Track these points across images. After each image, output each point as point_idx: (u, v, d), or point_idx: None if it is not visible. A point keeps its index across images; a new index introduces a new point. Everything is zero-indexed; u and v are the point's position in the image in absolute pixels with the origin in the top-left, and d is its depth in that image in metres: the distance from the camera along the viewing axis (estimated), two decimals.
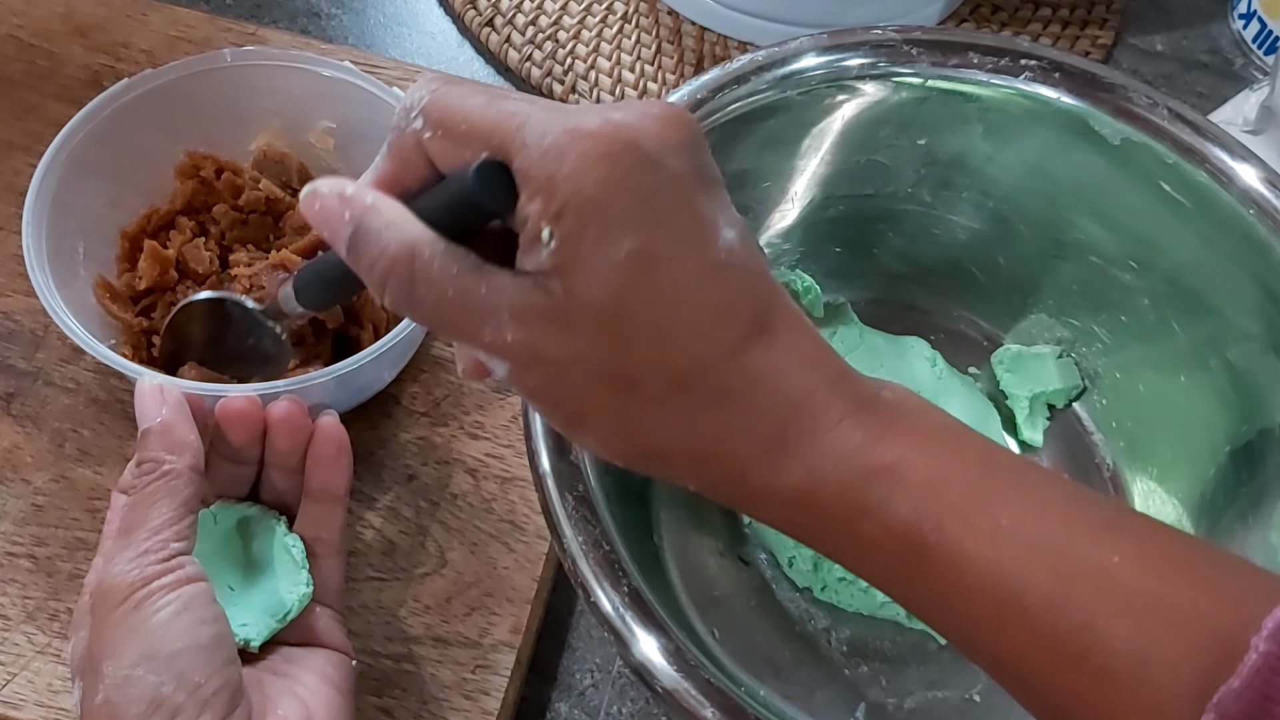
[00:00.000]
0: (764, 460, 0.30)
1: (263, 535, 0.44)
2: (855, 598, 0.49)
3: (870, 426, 0.30)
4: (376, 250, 0.30)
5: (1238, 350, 0.47)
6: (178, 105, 0.54)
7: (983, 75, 0.47)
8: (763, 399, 0.30)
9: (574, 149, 0.28)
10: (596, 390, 0.30)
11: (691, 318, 0.29)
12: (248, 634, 0.41)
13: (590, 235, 0.28)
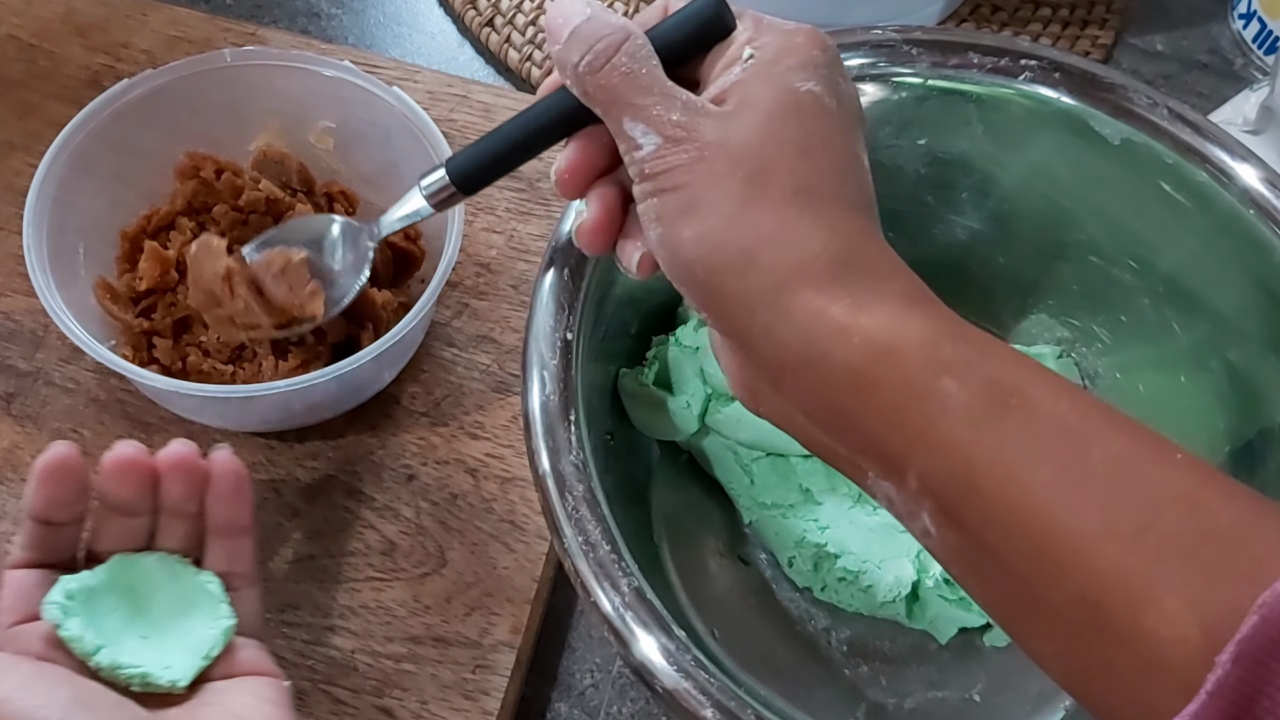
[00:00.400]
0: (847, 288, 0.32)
1: (171, 580, 0.42)
2: (855, 598, 0.49)
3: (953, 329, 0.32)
4: (602, 25, 0.34)
5: (1238, 350, 0.47)
6: (178, 105, 0.54)
7: (983, 75, 0.47)
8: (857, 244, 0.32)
9: (792, 26, 0.35)
10: (727, 177, 0.32)
11: (837, 162, 0.33)
12: (173, 676, 0.39)
13: (784, 64, 0.34)
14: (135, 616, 0.41)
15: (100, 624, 0.39)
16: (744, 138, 0.32)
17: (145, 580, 0.41)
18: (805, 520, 0.50)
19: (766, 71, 0.34)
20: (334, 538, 0.52)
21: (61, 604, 0.38)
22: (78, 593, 0.39)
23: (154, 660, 0.39)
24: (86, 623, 0.38)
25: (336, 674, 0.49)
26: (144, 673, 0.39)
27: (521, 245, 0.59)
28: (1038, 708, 0.48)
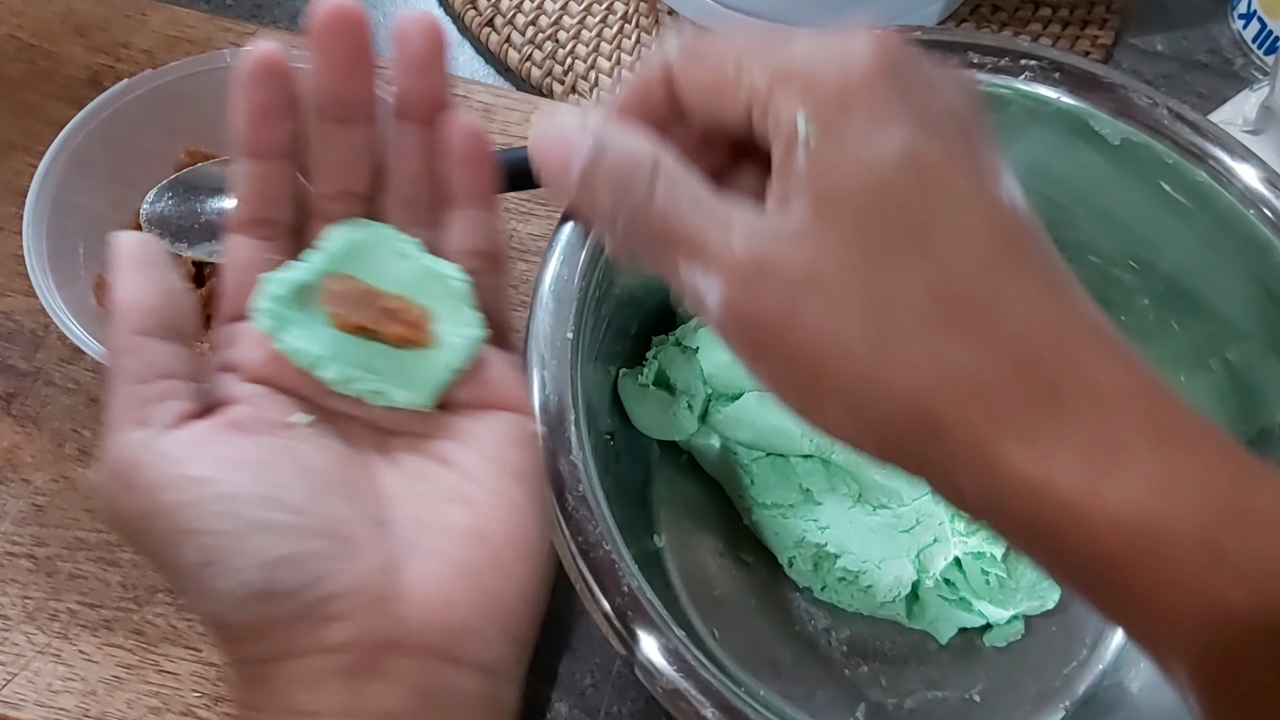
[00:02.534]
0: (1070, 445, 0.24)
1: (401, 266, 0.32)
2: (855, 598, 0.49)
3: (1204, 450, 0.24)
4: (621, 154, 0.28)
5: (1238, 350, 0.47)
6: (178, 105, 0.54)
7: (983, 75, 0.47)
8: (1067, 361, 0.25)
9: (838, 37, 0.26)
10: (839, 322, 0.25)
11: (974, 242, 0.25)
12: (412, 394, 0.31)
13: (853, 127, 0.25)
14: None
15: (320, 328, 0.31)
16: (840, 261, 0.25)
17: (369, 267, 0.32)
18: (805, 520, 0.50)
19: (835, 149, 0.25)
20: None
21: (271, 310, 0.31)
22: (288, 293, 0.31)
23: (390, 371, 0.31)
24: (306, 330, 0.31)
25: None
26: (377, 389, 0.31)
27: (521, 245, 0.59)
28: (1038, 708, 0.48)
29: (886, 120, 0.25)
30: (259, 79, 0.30)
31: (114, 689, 0.48)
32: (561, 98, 0.67)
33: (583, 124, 0.29)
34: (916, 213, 0.25)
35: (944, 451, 0.25)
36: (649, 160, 0.28)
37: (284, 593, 0.27)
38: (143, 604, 0.50)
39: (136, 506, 0.28)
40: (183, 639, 0.49)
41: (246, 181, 0.32)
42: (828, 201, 0.25)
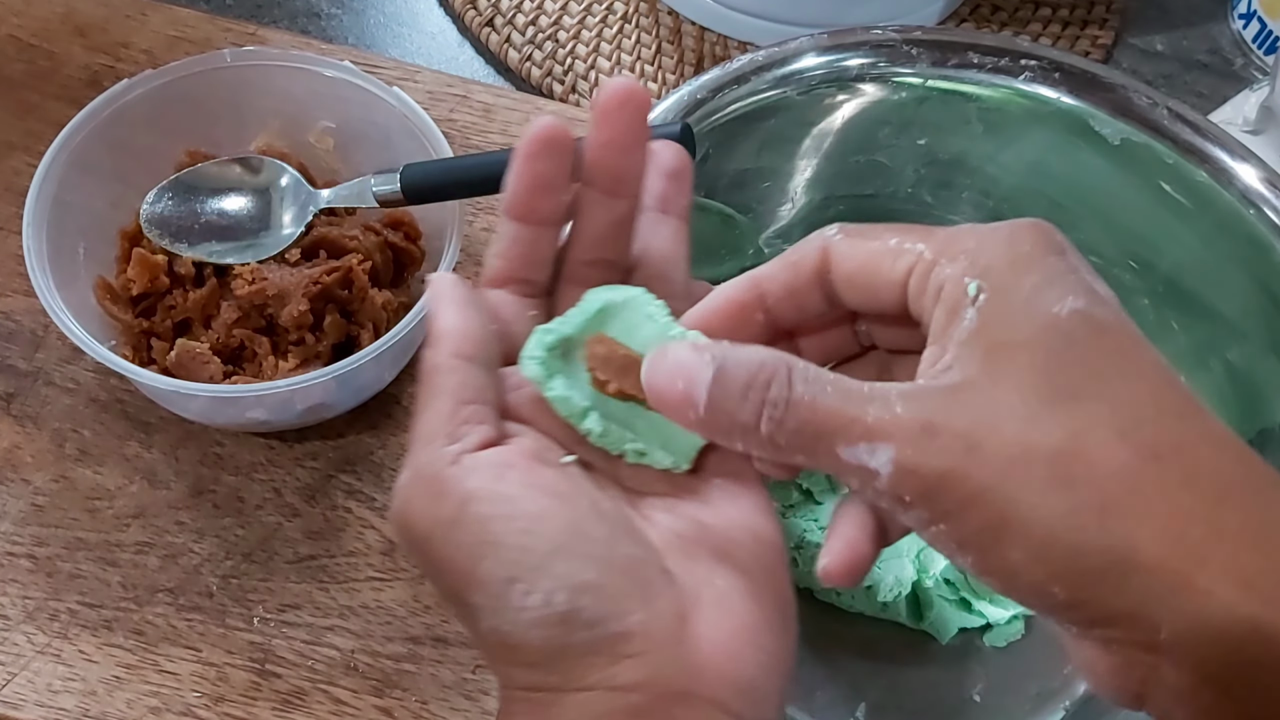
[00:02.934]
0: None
1: (653, 330, 0.32)
2: (856, 598, 0.49)
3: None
4: (752, 367, 0.28)
5: (1238, 350, 0.47)
6: (178, 105, 0.54)
7: (983, 75, 0.47)
8: (1239, 492, 0.25)
9: (1008, 224, 0.28)
10: (1025, 466, 0.24)
11: (1160, 392, 0.25)
12: (671, 454, 0.32)
13: (1027, 286, 0.26)
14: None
15: (582, 381, 0.32)
16: (1019, 405, 0.25)
17: (622, 327, 0.33)
18: (805, 520, 0.50)
19: (1007, 305, 0.26)
20: (334, 538, 0.52)
21: (542, 359, 0.31)
22: (557, 343, 0.32)
23: (646, 431, 0.32)
24: (570, 381, 0.32)
25: (336, 674, 0.49)
26: (638, 447, 0.32)
27: None
28: (1037, 708, 0.48)
29: (1061, 288, 0.26)
30: (541, 151, 0.31)
31: (114, 689, 0.48)
32: (561, 97, 0.67)
33: (697, 348, 0.29)
34: (1095, 362, 0.25)
35: (1141, 591, 0.24)
36: (781, 361, 0.28)
37: (584, 621, 0.27)
38: (143, 604, 0.50)
39: (444, 514, 0.28)
40: (183, 639, 0.49)
41: (512, 243, 0.33)
42: (1000, 351, 0.26)
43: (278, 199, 0.54)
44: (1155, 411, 0.25)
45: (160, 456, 0.53)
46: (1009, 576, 0.25)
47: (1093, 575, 0.25)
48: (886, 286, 0.29)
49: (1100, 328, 0.26)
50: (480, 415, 0.30)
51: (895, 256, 0.28)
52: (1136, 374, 0.26)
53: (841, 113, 0.49)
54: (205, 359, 0.50)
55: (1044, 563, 0.25)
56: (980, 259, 0.27)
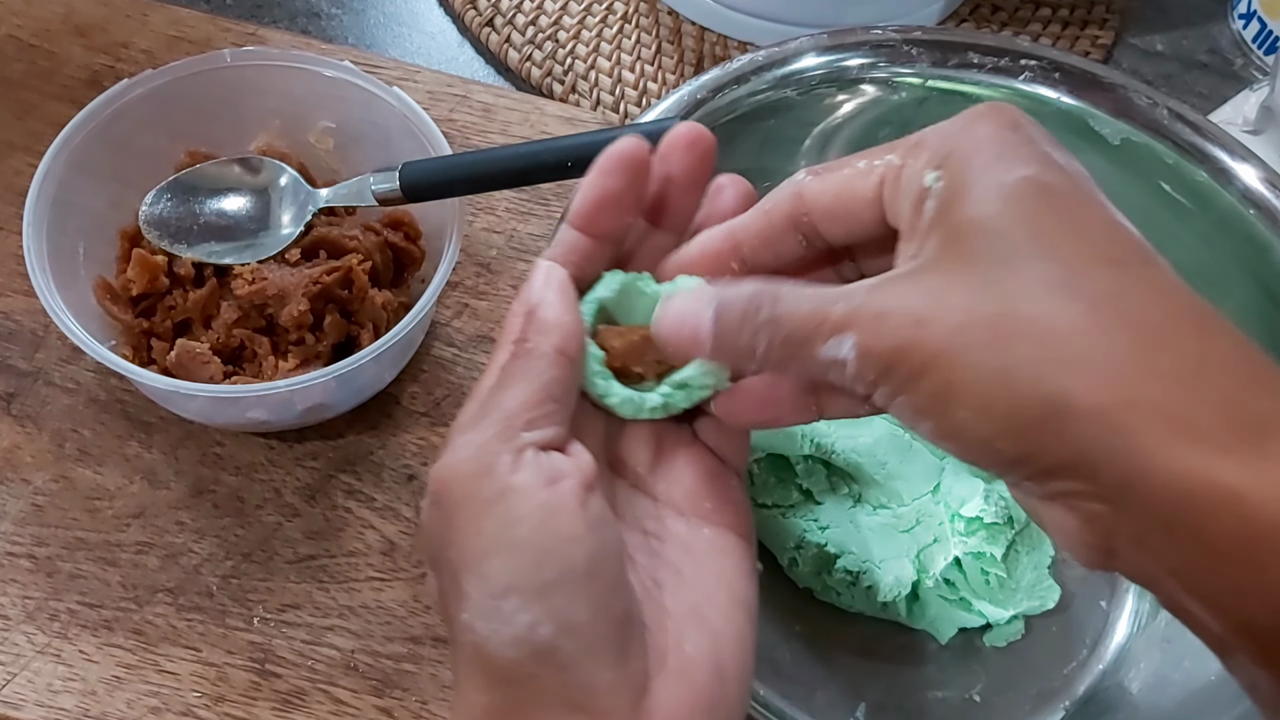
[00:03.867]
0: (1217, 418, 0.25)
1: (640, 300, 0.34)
2: (855, 598, 0.49)
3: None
4: (744, 299, 0.29)
5: None
6: (178, 105, 0.54)
7: (983, 75, 0.47)
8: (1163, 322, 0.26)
9: (970, 111, 0.29)
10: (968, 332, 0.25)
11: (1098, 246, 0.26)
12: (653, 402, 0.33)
13: (978, 164, 0.27)
14: None
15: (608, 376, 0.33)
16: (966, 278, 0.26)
17: (626, 314, 0.35)
18: (805, 520, 0.50)
19: (961, 187, 0.27)
20: (334, 538, 0.52)
21: (600, 372, 0.33)
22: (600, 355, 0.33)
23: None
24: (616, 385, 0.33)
25: (336, 674, 0.49)
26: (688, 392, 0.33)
27: (521, 245, 0.59)
28: (1038, 708, 0.48)
29: (1012, 159, 0.27)
30: (618, 168, 0.32)
31: (114, 689, 0.48)
32: (561, 97, 0.67)
33: (696, 295, 0.30)
34: (1039, 224, 0.26)
35: (1078, 437, 0.25)
36: (768, 289, 0.29)
37: (557, 663, 0.27)
38: (143, 604, 0.50)
39: (484, 493, 0.28)
40: (183, 639, 0.49)
41: (568, 250, 0.33)
42: (955, 232, 0.27)
43: (277, 199, 0.54)
44: (1094, 264, 0.26)
45: (160, 456, 0.53)
46: (960, 437, 0.26)
47: (1033, 426, 0.25)
48: (864, 205, 0.30)
49: (1046, 190, 0.27)
50: (559, 417, 0.30)
51: (866, 175, 0.30)
52: (1078, 231, 0.26)
53: (841, 113, 0.49)
54: (205, 359, 0.50)
55: (989, 419, 0.26)
56: (940, 149, 0.28)
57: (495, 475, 0.28)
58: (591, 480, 0.30)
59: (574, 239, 0.33)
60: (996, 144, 0.27)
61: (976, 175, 0.27)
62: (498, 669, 0.28)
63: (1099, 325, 0.25)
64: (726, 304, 0.30)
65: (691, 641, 0.30)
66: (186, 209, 0.53)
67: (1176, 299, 0.27)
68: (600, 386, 0.32)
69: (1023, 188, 0.27)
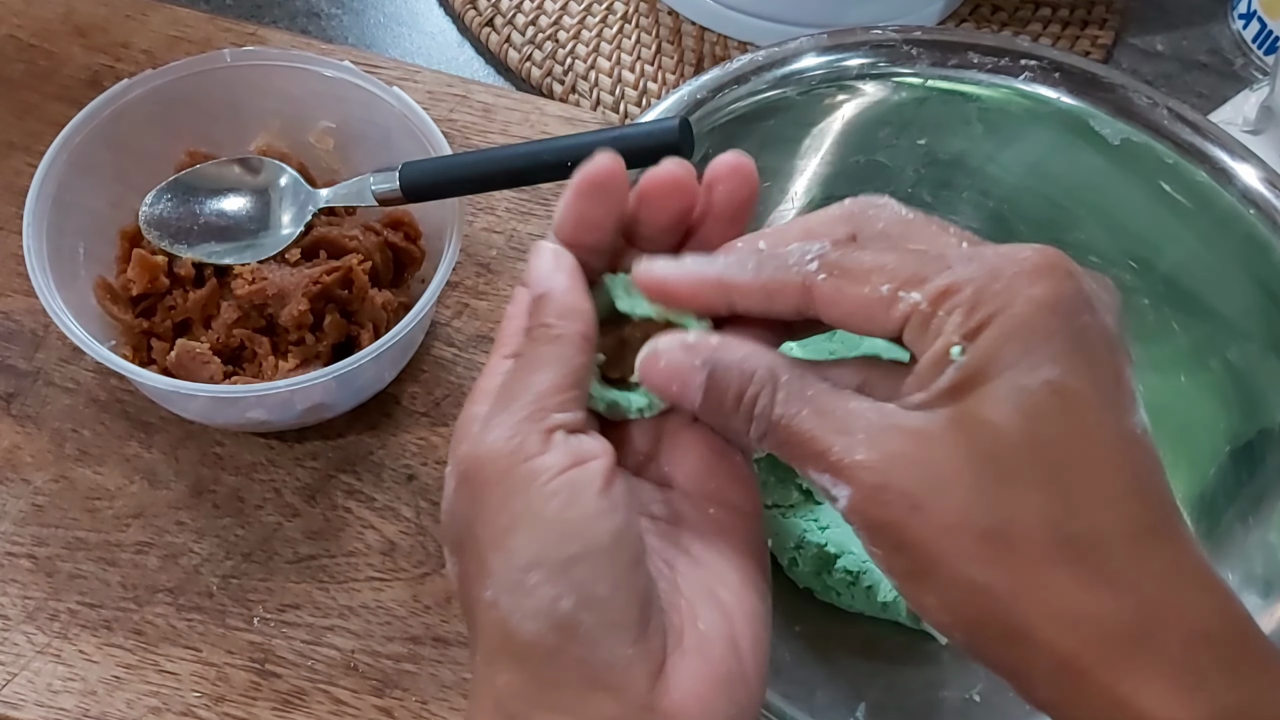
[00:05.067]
0: (1162, 676, 0.26)
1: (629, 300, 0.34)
2: (856, 598, 0.49)
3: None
4: (739, 378, 0.29)
5: (1238, 350, 0.47)
6: (178, 105, 0.54)
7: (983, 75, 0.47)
8: (1160, 600, 0.26)
9: (1012, 266, 0.27)
10: (957, 539, 0.26)
11: (1102, 478, 0.26)
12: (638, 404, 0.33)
13: (1007, 355, 0.26)
14: None
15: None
16: (966, 479, 0.26)
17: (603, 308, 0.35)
18: (805, 520, 0.50)
19: (984, 372, 0.26)
20: (334, 538, 0.52)
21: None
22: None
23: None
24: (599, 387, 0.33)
25: (336, 674, 0.49)
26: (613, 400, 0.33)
27: (521, 245, 0.59)
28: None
29: (1040, 355, 0.26)
30: (589, 191, 0.32)
31: (114, 689, 0.48)
32: (561, 97, 0.67)
33: (689, 348, 0.30)
34: (1052, 444, 0.26)
35: (1028, 660, 0.27)
36: (767, 376, 0.29)
37: (578, 636, 0.28)
38: (143, 604, 0.50)
39: (517, 471, 0.29)
40: (183, 639, 0.49)
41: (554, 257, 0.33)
42: (967, 419, 0.27)
43: (277, 199, 0.54)
44: (1090, 506, 0.26)
45: (160, 456, 0.53)
46: (921, 609, 0.28)
47: (989, 638, 0.27)
48: (882, 331, 0.29)
49: (1067, 403, 0.26)
50: (583, 401, 0.31)
51: (889, 306, 0.28)
52: (1087, 461, 0.27)
53: (841, 113, 0.49)
54: (205, 359, 0.50)
55: (951, 614, 0.28)
56: (972, 314, 0.27)
57: (526, 455, 0.29)
58: (615, 463, 0.30)
59: (569, 205, 0.33)
60: (1028, 332, 0.27)
61: (1000, 368, 0.26)
62: (520, 645, 0.28)
63: (1075, 572, 0.26)
64: (720, 374, 0.29)
65: (705, 620, 0.30)
66: (186, 209, 0.53)
67: (1150, 544, 0.27)
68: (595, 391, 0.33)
69: (1041, 399, 0.26)
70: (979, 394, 0.27)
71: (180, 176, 0.54)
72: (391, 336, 0.48)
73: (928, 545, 0.27)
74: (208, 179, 0.54)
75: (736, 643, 0.30)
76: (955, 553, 0.27)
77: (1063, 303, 0.27)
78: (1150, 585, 0.26)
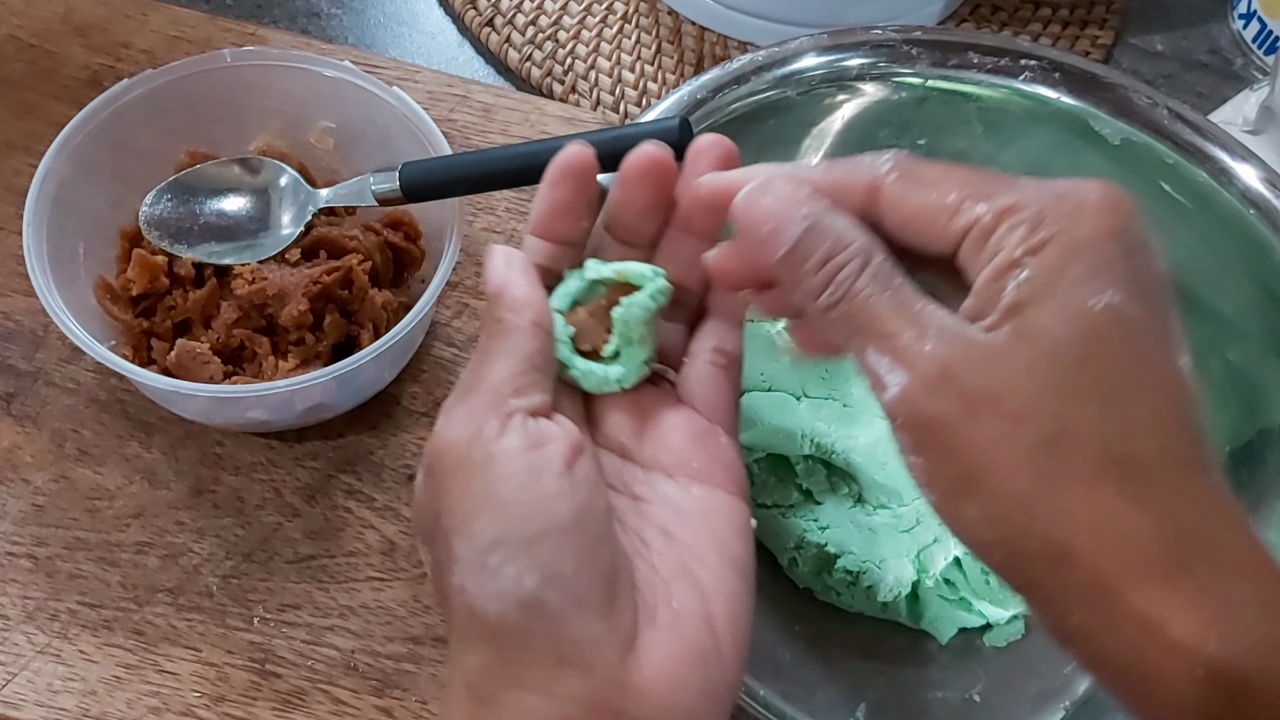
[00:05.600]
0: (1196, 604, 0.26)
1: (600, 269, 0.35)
2: (856, 598, 0.49)
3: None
4: (836, 240, 0.29)
5: (1238, 350, 0.47)
6: (178, 105, 0.54)
7: (983, 75, 0.47)
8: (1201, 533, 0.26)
9: (1078, 193, 0.27)
10: (1010, 448, 0.26)
11: (1156, 404, 0.27)
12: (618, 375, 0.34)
13: (1071, 274, 0.26)
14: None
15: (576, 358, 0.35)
16: (1026, 388, 0.26)
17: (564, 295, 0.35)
18: (805, 520, 0.50)
19: (1047, 288, 0.27)
20: (334, 538, 0.52)
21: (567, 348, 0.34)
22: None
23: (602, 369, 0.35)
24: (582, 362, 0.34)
25: (336, 674, 0.49)
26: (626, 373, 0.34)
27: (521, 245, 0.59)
28: (1037, 708, 0.48)
29: (1103, 280, 0.27)
30: (561, 179, 0.33)
31: (114, 689, 0.48)
32: (561, 97, 0.67)
33: (798, 197, 0.30)
34: (1110, 366, 0.26)
35: (1065, 581, 0.27)
36: (863, 249, 0.29)
37: (544, 614, 0.28)
38: (143, 604, 0.50)
39: (475, 456, 0.30)
40: (183, 639, 0.49)
41: (534, 254, 0.34)
42: (1029, 332, 0.27)
43: (276, 199, 0.54)
44: (1141, 430, 0.26)
45: (160, 456, 0.53)
46: (960, 525, 0.28)
47: (1029, 555, 0.27)
48: (940, 241, 0.29)
49: (1126, 328, 0.27)
50: (543, 385, 0.32)
51: (953, 214, 0.28)
52: (1141, 387, 0.27)
53: (841, 113, 0.49)
54: (205, 359, 0.50)
55: (993, 529, 0.27)
56: (1036, 229, 0.27)
57: (483, 439, 0.30)
58: (579, 445, 0.31)
59: (536, 244, 0.34)
60: (1092, 254, 0.27)
61: (1064, 288, 0.27)
62: (487, 626, 0.29)
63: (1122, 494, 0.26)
64: (819, 232, 0.29)
65: (680, 598, 0.30)
66: (186, 209, 0.53)
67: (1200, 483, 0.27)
68: (566, 361, 0.34)
69: (1103, 321, 0.26)
70: (1043, 308, 0.26)
71: (180, 176, 0.54)
72: (391, 336, 0.48)
73: (978, 451, 0.27)
74: (208, 179, 0.54)
75: (712, 621, 0.30)
76: (1006, 461, 0.26)
77: (1126, 236, 0.27)
78: (1190, 515, 0.26)
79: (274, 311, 0.51)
